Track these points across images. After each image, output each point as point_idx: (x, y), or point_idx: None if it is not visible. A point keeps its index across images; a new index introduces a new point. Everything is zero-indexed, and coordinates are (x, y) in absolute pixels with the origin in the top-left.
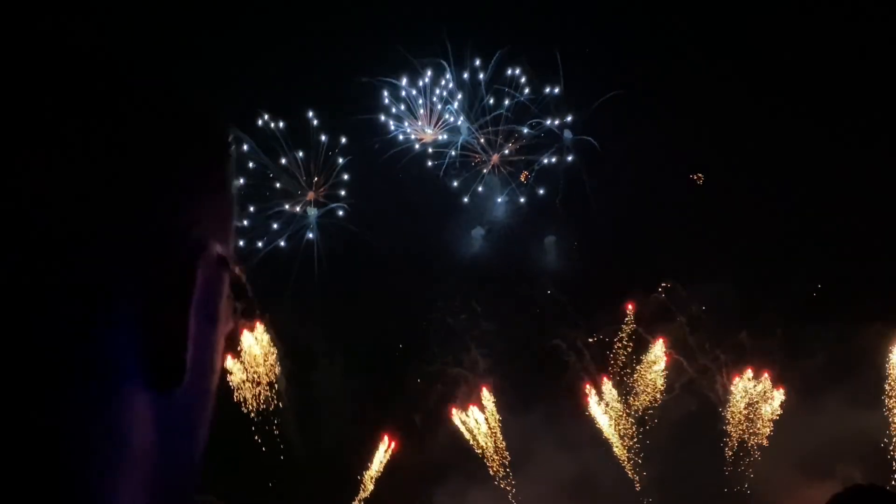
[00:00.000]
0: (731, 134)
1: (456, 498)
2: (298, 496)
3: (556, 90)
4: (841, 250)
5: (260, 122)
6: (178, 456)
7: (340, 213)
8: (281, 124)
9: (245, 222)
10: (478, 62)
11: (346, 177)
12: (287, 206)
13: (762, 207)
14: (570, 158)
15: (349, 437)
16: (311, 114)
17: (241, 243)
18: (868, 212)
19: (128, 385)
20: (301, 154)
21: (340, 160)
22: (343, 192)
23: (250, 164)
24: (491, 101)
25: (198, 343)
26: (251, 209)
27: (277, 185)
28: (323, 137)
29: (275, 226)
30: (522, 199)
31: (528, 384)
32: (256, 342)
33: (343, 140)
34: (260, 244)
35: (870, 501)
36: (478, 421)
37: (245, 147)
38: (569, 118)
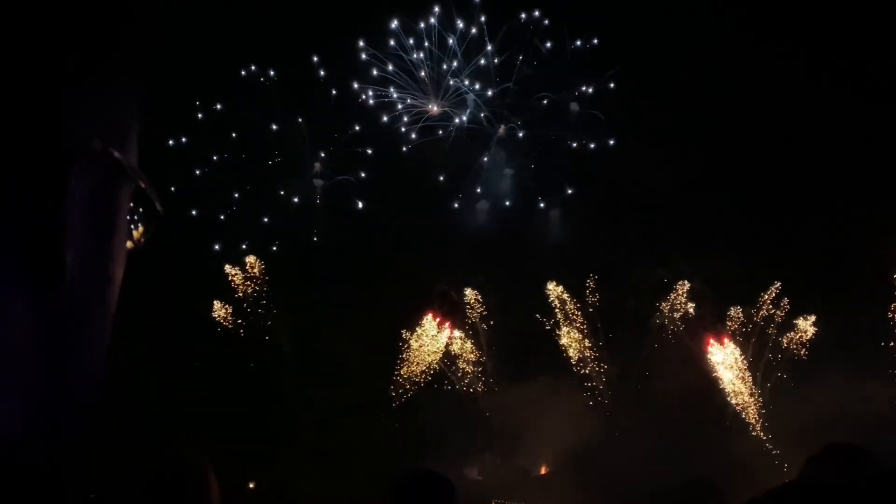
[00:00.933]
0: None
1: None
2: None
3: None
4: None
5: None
6: (71, 366)
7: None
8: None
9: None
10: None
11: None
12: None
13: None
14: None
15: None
16: (319, 69)
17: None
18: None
19: (6, 289)
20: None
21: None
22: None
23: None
24: (497, 65)
25: (88, 250)
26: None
27: (277, 154)
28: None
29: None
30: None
31: (527, 357)
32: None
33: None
34: (266, 219)
35: (845, 459)
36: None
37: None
38: (578, 91)
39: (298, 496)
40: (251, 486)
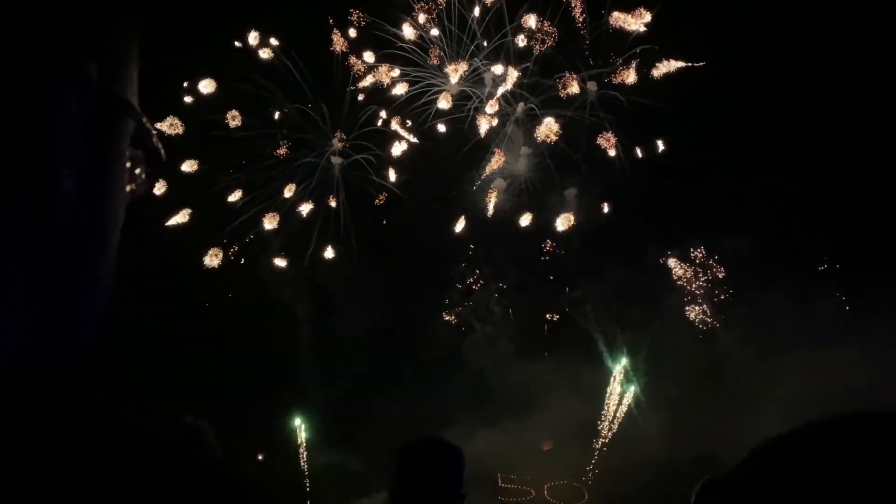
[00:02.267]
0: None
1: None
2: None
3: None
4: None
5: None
6: (71, 305)
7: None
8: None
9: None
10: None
11: (370, 126)
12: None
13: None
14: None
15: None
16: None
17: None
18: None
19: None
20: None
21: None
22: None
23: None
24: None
25: (85, 180)
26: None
27: (284, 131)
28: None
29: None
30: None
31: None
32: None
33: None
34: (288, 193)
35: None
36: None
37: None
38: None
39: (307, 469)
40: (260, 457)
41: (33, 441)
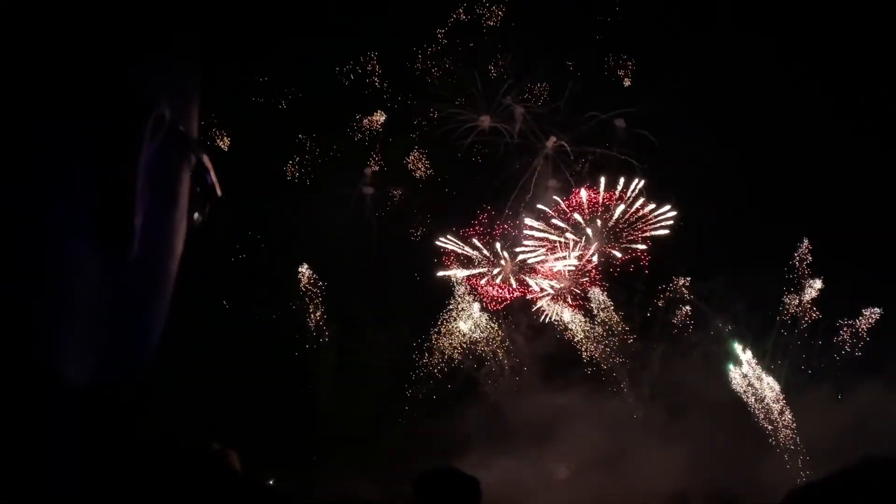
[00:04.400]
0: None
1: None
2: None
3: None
4: None
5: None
6: (132, 329)
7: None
8: None
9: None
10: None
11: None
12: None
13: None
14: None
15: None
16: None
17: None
18: None
19: (78, 243)
20: None
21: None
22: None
23: None
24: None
25: (152, 216)
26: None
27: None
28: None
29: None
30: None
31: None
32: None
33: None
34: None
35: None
36: None
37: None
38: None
39: (319, 492)
40: (270, 482)
41: (119, 455)
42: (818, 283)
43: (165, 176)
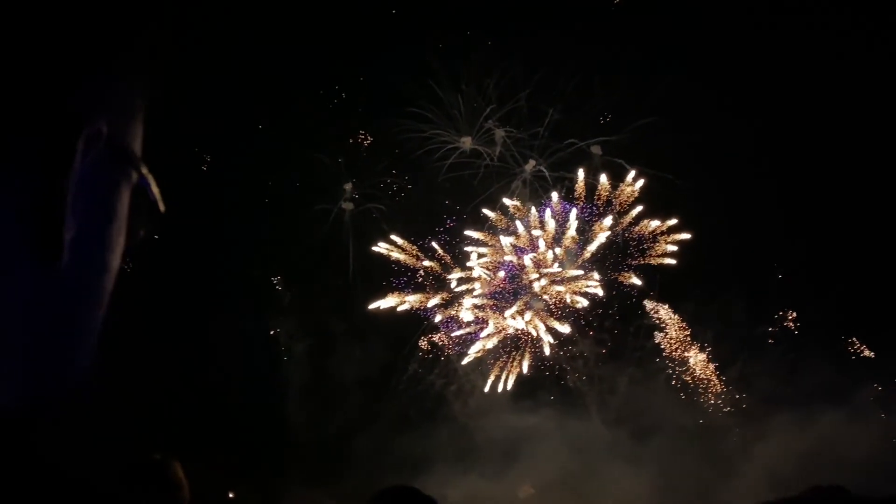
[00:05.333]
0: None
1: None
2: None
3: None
4: None
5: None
6: (60, 344)
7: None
8: None
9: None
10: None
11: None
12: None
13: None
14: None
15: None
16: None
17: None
18: None
19: (5, 256)
20: None
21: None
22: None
23: None
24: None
25: (86, 231)
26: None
27: None
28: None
29: None
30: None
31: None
32: None
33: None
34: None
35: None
36: None
37: None
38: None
39: None
40: (231, 495)
41: (11, 485)
42: (791, 314)
43: (102, 191)
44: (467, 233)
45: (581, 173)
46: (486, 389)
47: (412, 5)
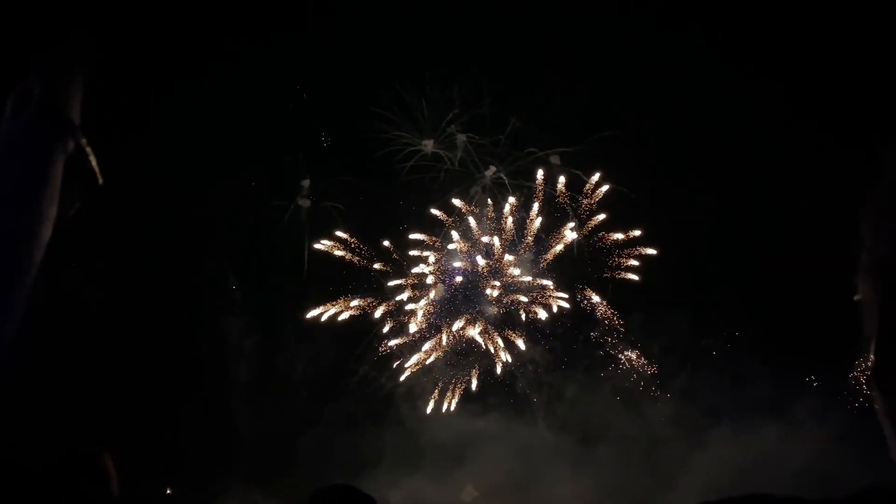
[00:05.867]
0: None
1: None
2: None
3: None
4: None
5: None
6: None
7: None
8: None
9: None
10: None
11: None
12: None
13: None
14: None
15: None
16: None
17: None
18: None
19: None
20: None
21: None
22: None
23: None
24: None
25: (11, 196)
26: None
27: None
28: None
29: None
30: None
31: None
32: None
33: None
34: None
35: None
36: None
37: None
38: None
39: None
40: (168, 491)
41: None
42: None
43: (33, 157)
44: (413, 237)
45: (540, 173)
46: (428, 412)
47: (379, 7)
